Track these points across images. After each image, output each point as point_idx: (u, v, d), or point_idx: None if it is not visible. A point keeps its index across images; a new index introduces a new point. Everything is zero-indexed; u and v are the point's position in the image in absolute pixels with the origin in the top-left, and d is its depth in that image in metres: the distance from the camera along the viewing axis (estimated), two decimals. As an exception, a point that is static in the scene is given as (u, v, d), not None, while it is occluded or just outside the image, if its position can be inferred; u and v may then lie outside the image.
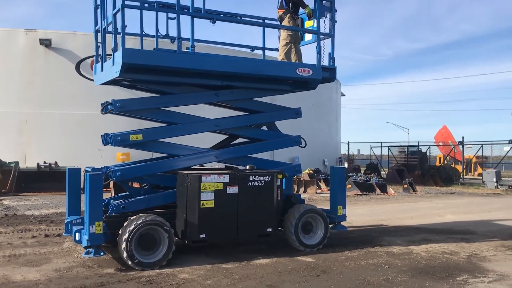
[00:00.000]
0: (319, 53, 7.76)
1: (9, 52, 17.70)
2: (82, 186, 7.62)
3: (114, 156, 16.98)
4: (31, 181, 15.46)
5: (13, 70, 17.69)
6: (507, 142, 26.01)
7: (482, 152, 28.47)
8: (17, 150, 17.33)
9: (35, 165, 15.93)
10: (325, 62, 8.03)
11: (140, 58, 6.38)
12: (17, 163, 16.03)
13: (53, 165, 16.06)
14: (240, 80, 7.44)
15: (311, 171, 19.20)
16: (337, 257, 6.98)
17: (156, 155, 7.67)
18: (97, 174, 6.14)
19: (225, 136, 8.22)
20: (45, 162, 16.10)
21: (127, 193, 7.26)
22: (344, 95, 32.48)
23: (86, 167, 7.05)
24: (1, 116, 17.43)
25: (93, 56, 18.80)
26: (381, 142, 33.24)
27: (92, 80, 18.75)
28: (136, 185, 8.07)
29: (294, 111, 8.27)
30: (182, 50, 6.66)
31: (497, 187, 23.29)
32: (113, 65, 6.56)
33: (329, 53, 7.97)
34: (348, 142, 38.29)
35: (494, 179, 23.86)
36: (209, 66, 6.94)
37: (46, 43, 17.72)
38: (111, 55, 6.67)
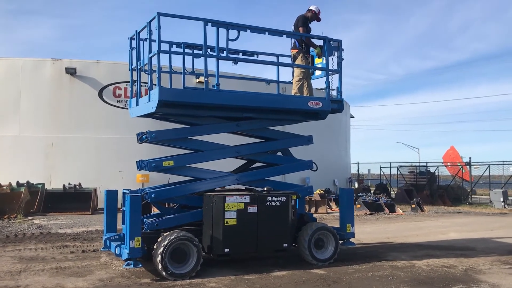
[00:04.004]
0: (328, 87, 8.69)
1: (37, 80, 18.90)
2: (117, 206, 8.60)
3: (134, 178, 17.98)
4: (57, 202, 16.36)
5: (41, 97, 18.84)
6: (513, 162, 26.60)
7: (489, 172, 29.00)
8: (43, 172, 18.35)
9: (60, 187, 16.89)
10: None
11: (173, 96, 7.39)
12: (43, 184, 17.04)
13: (77, 186, 17.05)
14: (258, 112, 8.39)
15: (321, 191, 19.98)
16: (347, 270, 7.78)
17: (174, 178, 8.50)
18: (136, 195, 7.08)
19: (244, 161, 9.13)
20: (69, 184, 17.10)
21: (159, 212, 8.17)
22: (353, 117, 33.37)
23: (124, 189, 7.96)
24: (29, 140, 18.54)
25: (114, 84, 19.94)
26: (390, 163, 34.10)
27: (114, 106, 19.95)
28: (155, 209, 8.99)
29: (306, 138, 9.17)
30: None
31: (504, 207, 23.84)
32: (149, 101, 7.55)
33: (337, 87, 8.90)
34: (358, 163, 39.14)
35: (501, 199, 24.44)
36: (232, 101, 7.92)
37: (71, 71, 18.90)
38: (146, 83, 7.69)
